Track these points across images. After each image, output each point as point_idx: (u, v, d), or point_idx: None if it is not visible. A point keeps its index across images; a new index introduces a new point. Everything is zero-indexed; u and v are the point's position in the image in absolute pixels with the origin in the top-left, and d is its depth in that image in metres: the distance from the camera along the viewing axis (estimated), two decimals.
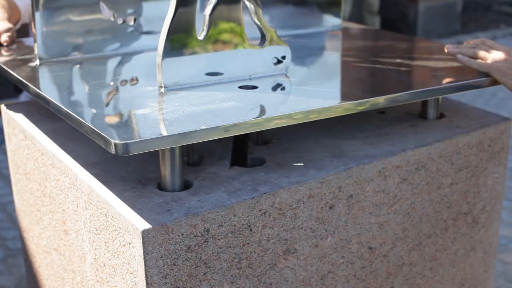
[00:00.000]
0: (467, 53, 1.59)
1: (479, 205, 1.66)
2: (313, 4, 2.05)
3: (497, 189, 1.69)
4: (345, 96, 1.46)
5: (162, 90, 1.41)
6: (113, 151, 1.13)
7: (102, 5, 1.71)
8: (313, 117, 1.33)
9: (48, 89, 1.48)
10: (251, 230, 1.28)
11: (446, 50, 1.65)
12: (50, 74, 1.60)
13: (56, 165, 1.46)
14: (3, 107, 1.79)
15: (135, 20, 1.76)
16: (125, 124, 1.24)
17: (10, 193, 3.33)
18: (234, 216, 1.25)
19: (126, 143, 1.12)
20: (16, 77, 1.54)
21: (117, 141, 1.12)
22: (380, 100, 1.41)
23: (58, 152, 1.47)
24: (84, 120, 1.23)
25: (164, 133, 1.18)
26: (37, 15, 1.63)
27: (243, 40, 1.47)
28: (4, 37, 1.80)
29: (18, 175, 1.76)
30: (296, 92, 1.47)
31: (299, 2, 2.04)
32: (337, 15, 2.08)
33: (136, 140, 1.13)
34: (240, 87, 1.45)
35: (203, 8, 1.44)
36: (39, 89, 1.44)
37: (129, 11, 1.75)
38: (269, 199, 1.28)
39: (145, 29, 1.78)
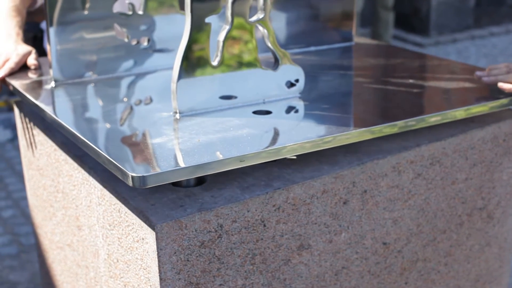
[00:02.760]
0: (506, 80, 1.55)
1: (494, 200, 1.65)
2: (325, 21, 2.04)
3: None
4: (359, 121, 1.46)
5: (177, 116, 1.42)
6: (130, 183, 1.15)
7: (116, 27, 1.70)
8: (327, 145, 1.32)
9: (63, 114, 1.49)
10: (264, 225, 1.27)
11: (478, 79, 1.61)
12: (65, 98, 1.60)
13: (69, 161, 1.46)
14: (15, 103, 1.79)
15: (149, 40, 1.75)
16: (141, 155, 1.25)
17: (23, 189, 3.35)
18: (248, 211, 1.24)
19: (143, 176, 1.14)
20: (33, 101, 1.54)
21: (134, 174, 1.14)
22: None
23: (71, 148, 1.47)
24: (101, 150, 1.24)
25: (181, 164, 1.19)
26: (52, 32, 1.62)
27: (256, 63, 1.47)
28: (32, 60, 1.76)
29: (31, 171, 1.77)
30: (309, 117, 1.47)
31: (311, 18, 2.03)
32: (349, 31, 2.07)
33: (153, 173, 1.15)
34: (254, 112, 1.45)
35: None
36: (56, 115, 1.44)
37: (142, 27, 1.74)
38: (283, 194, 1.28)
39: (158, 47, 1.77)
